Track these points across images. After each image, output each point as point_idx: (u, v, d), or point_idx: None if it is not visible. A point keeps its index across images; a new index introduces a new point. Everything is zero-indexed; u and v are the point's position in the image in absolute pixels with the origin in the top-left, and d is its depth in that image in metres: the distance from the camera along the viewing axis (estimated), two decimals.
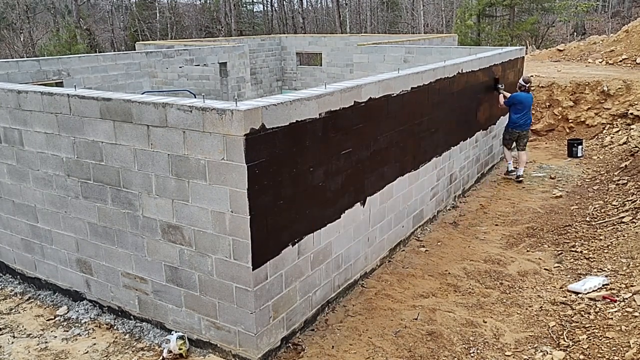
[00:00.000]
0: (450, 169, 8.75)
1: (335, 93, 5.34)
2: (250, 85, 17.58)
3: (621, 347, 4.69)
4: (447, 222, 8.37)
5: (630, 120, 12.74)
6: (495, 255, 7.13)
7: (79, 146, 5.36)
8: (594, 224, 7.74)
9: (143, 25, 42.05)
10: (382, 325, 5.57)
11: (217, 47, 15.74)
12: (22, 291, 6.48)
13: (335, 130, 5.44)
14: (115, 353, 5.22)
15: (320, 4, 53.20)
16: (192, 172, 4.66)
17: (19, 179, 6.08)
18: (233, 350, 4.99)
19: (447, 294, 6.22)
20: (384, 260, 6.96)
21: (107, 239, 5.52)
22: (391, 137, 6.57)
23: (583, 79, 14.09)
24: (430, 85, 7.43)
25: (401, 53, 12.99)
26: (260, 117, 4.42)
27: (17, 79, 10.76)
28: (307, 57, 24.77)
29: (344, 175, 5.72)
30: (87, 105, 5.13)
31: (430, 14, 44.51)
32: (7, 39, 38.10)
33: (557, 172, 10.88)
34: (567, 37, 39.22)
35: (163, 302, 5.34)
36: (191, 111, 4.48)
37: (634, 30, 18.10)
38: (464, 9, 32.65)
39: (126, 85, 13.09)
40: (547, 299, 5.90)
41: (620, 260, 6.28)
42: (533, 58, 19.64)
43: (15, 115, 5.80)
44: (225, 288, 4.82)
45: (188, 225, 4.84)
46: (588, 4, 34.88)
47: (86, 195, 5.50)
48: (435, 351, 5.12)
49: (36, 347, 5.37)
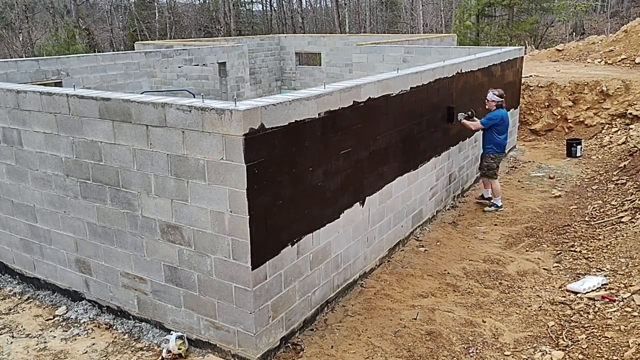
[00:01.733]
0: (450, 168, 8.75)
1: (334, 93, 5.34)
2: (250, 85, 17.57)
3: (620, 347, 4.69)
4: (446, 222, 8.37)
5: (629, 120, 12.75)
6: (495, 255, 7.13)
7: (78, 146, 5.36)
8: (593, 224, 7.74)
9: (142, 25, 42.01)
10: (382, 325, 5.57)
11: (216, 47, 15.73)
12: (21, 291, 6.47)
13: (335, 130, 5.44)
14: (114, 353, 5.21)
15: (319, 4, 53.23)
16: (191, 172, 4.65)
17: (18, 179, 6.08)
18: (232, 350, 4.99)
19: (446, 293, 6.23)
20: (383, 260, 6.97)
21: (106, 239, 5.51)
22: (390, 137, 6.57)
23: (582, 78, 14.10)
24: (430, 85, 7.43)
25: (400, 53, 12.99)
26: (260, 117, 4.42)
27: (16, 79, 10.74)
28: (307, 57, 24.76)
29: (343, 175, 5.72)
30: (86, 105, 5.13)
31: (429, 14, 44.52)
32: (6, 39, 38.06)
33: (556, 172, 10.88)
34: (566, 37, 39.25)
35: (162, 302, 5.33)
36: (190, 111, 4.48)
37: (632, 30, 18.12)
38: (463, 9, 32.69)
39: (125, 85, 13.08)
40: (546, 299, 5.91)
41: (619, 260, 6.28)
42: (532, 58, 19.65)
43: (14, 115, 5.79)
44: (225, 288, 4.82)
45: (187, 225, 4.84)
46: (587, 4, 34.93)
47: (85, 195, 5.50)
48: (434, 351, 5.12)
49: (35, 347, 5.36)
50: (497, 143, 8.72)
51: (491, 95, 8.65)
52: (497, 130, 8.63)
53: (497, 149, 8.78)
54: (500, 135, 8.68)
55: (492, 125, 8.57)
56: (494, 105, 8.61)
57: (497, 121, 8.56)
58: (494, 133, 8.66)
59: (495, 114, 8.57)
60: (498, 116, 8.53)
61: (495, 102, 8.60)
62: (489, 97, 8.64)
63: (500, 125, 8.60)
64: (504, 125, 8.68)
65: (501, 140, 8.73)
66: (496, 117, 8.53)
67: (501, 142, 8.76)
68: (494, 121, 8.58)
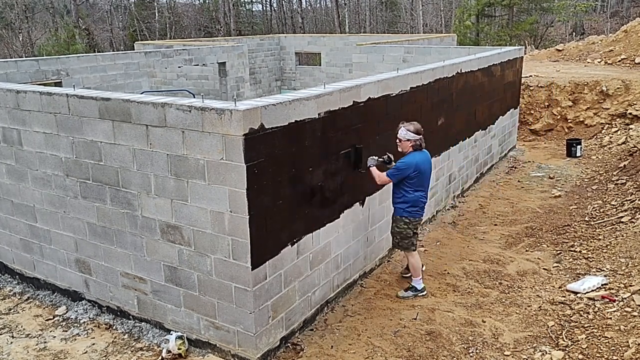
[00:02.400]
0: (449, 168, 8.75)
1: (334, 93, 5.34)
2: (249, 85, 17.58)
3: (620, 347, 4.69)
4: (446, 222, 8.37)
5: (629, 120, 12.75)
6: (494, 255, 7.13)
7: (77, 146, 5.36)
8: (592, 224, 7.74)
9: (142, 25, 42.00)
10: (381, 325, 5.57)
11: (216, 47, 15.73)
12: (21, 291, 6.47)
13: (335, 130, 5.44)
14: (114, 353, 5.21)
15: (319, 4, 53.21)
16: (191, 172, 4.65)
17: (18, 179, 6.08)
18: (232, 350, 4.99)
19: (446, 293, 6.23)
20: (383, 260, 6.96)
21: (106, 239, 5.51)
22: (390, 137, 6.56)
23: (582, 78, 14.10)
24: (430, 85, 7.43)
25: (400, 53, 12.99)
26: (259, 117, 4.42)
27: (16, 79, 10.74)
28: (306, 57, 24.77)
29: (343, 175, 5.72)
30: (86, 105, 5.13)
31: (429, 14, 44.51)
32: (6, 39, 38.05)
33: (556, 172, 10.88)
34: (566, 37, 39.25)
35: (162, 302, 5.33)
36: (190, 111, 4.48)
37: (632, 30, 18.12)
38: (462, 9, 32.69)
39: (125, 85, 13.08)
40: (546, 299, 5.91)
41: (619, 260, 6.28)
42: (532, 58, 19.66)
43: (14, 115, 5.79)
44: (225, 288, 4.82)
45: (187, 225, 4.84)
46: (587, 4, 34.93)
47: (85, 195, 5.50)
48: (434, 351, 5.12)
49: (35, 347, 5.36)
50: (411, 201, 5.91)
51: (403, 132, 5.81)
52: (410, 183, 5.84)
53: (413, 209, 5.95)
54: (416, 191, 5.88)
55: (405, 176, 5.82)
56: (408, 147, 5.82)
57: (410, 172, 5.77)
58: (406, 187, 5.88)
59: (407, 160, 5.79)
60: (410, 164, 5.75)
61: (411, 142, 5.80)
62: (400, 135, 5.83)
63: (416, 178, 5.82)
64: (423, 177, 5.88)
65: (418, 197, 5.91)
66: (407, 165, 5.76)
67: (417, 199, 5.92)
68: (404, 173, 5.79)
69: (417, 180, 5.85)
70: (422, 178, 5.90)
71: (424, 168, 5.89)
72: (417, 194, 5.90)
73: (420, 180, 5.88)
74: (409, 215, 5.98)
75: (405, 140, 5.83)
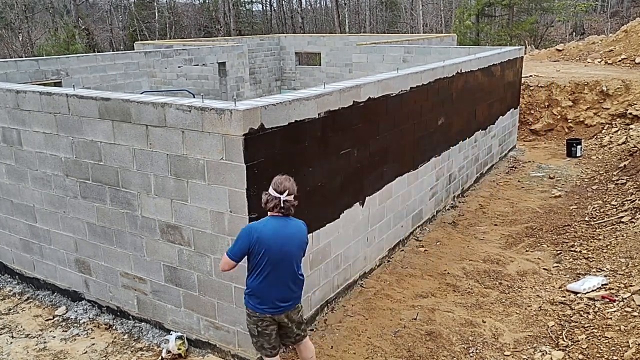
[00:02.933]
0: (450, 168, 8.75)
1: (334, 93, 5.34)
2: (249, 85, 17.57)
3: (620, 347, 4.69)
4: (446, 222, 8.37)
5: (629, 120, 12.75)
6: (494, 255, 7.13)
7: (77, 146, 5.35)
8: (593, 224, 7.74)
9: (142, 25, 42.00)
10: (381, 325, 5.57)
11: (216, 47, 15.73)
12: (20, 291, 6.47)
13: (335, 130, 5.44)
14: (114, 353, 5.21)
15: (319, 4, 53.20)
16: (191, 172, 4.65)
17: (18, 179, 6.07)
18: (232, 350, 4.98)
19: (446, 293, 6.22)
20: (383, 260, 6.96)
21: (105, 239, 5.51)
22: (390, 137, 6.56)
23: (582, 78, 14.10)
24: (430, 85, 7.43)
25: (400, 53, 12.99)
26: (259, 117, 4.41)
27: (16, 79, 10.74)
28: (306, 56, 24.77)
29: (343, 175, 5.72)
30: (85, 105, 5.13)
31: (429, 13, 44.51)
32: (6, 39, 38.03)
33: (556, 172, 10.88)
34: (566, 37, 39.25)
35: (162, 302, 5.33)
36: (190, 111, 4.48)
37: (632, 30, 18.12)
38: (463, 9, 32.71)
39: (125, 85, 13.08)
40: (546, 299, 5.90)
41: (619, 260, 6.28)
42: (532, 58, 19.65)
43: (14, 115, 5.79)
44: (224, 288, 4.81)
45: (187, 225, 4.84)
46: (587, 4, 34.93)
47: (85, 195, 5.49)
48: (434, 351, 5.12)
49: (35, 347, 5.36)
50: (253, 288, 3.95)
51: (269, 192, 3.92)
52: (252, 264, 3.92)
53: (256, 300, 3.97)
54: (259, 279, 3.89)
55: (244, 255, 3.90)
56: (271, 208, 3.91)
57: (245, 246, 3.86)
58: (249, 267, 3.95)
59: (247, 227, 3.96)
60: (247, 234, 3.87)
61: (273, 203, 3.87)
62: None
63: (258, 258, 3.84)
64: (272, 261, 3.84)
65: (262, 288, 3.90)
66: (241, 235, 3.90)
67: (262, 291, 3.91)
68: (238, 245, 3.88)
69: (261, 262, 3.82)
70: (271, 262, 3.82)
71: (275, 246, 3.80)
72: (262, 284, 3.88)
73: (267, 265, 3.82)
74: (251, 308, 4.00)
75: (264, 202, 3.92)
